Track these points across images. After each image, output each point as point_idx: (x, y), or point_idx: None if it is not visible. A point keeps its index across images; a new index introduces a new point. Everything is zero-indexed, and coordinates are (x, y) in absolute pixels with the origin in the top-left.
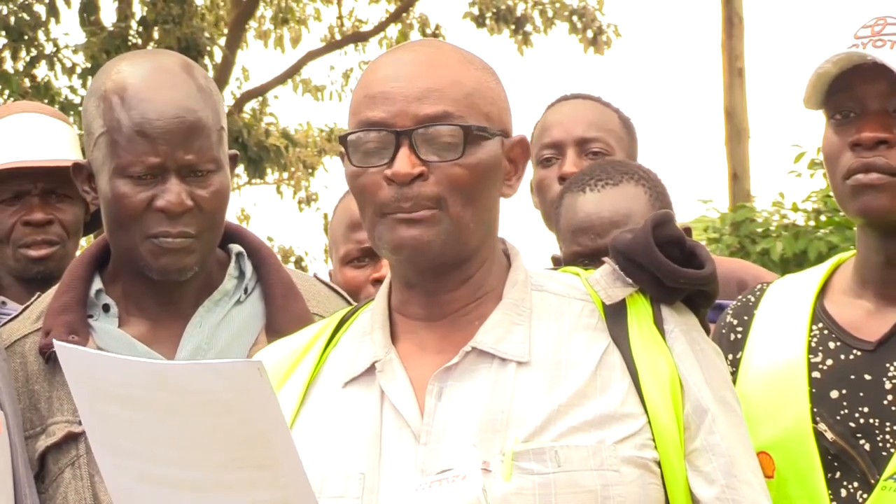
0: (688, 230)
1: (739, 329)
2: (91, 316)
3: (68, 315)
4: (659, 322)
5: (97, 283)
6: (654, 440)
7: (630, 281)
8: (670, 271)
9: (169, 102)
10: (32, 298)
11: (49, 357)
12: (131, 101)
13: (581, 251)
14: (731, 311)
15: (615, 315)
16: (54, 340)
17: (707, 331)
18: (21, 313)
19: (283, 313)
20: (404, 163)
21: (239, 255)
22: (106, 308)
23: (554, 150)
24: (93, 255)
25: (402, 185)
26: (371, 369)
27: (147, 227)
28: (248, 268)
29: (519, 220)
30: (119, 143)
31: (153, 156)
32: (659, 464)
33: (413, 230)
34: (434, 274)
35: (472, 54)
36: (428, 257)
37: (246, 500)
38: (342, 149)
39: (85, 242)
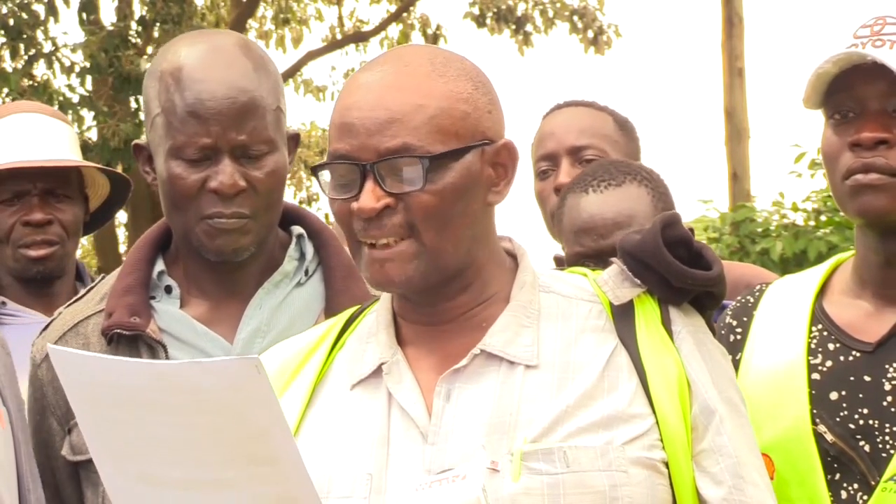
0: (690, 231)
1: (739, 330)
2: (154, 297)
3: (130, 297)
4: (667, 323)
5: (159, 265)
6: (661, 441)
7: (638, 282)
8: (679, 272)
9: (221, 83)
10: (97, 280)
11: (111, 339)
12: (185, 83)
13: (584, 252)
14: (730, 312)
15: (623, 315)
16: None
17: (713, 332)
18: (85, 294)
19: (342, 296)
20: (368, 198)
21: (300, 236)
22: (168, 289)
23: (549, 161)
24: (156, 237)
25: (369, 220)
26: (378, 371)
27: (201, 208)
28: (310, 250)
29: (521, 220)
30: (173, 125)
31: (205, 137)
32: (667, 464)
33: (386, 272)
34: (424, 292)
35: (449, 60)
36: (408, 290)
37: (247, 496)
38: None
39: (86, 242)
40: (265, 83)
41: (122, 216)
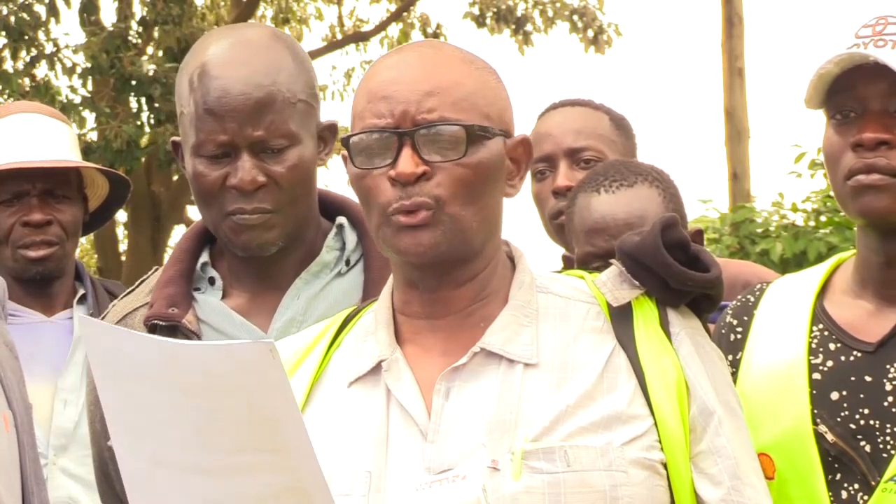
0: (699, 232)
1: (739, 329)
2: (199, 288)
3: (171, 288)
4: (665, 324)
5: (204, 256)
6: (660, 442)
7: (637, 283)
8: (679, 274)
9: (238, 79)
10: (149, 272)
11: (152, 329)
12: (204, 80)
13: (595, 252)
14: (730, 311)
15: (621, 317)
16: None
17: (708, 333)
18: (136, 287)
19: (378, 285)
20: (407, 163)
21: (340, 226)
22: (212, 281)
23: (546, 163)
24: (202, 229)
25: (405, 185)
26: (376, 369)
27: (225, 204)
28: (351, 239)
29: (522, 221)
30: (194, 123)
31: (222, 134)
32: (665, 465)
33: (417, 236)
34: (437, 273)
35: (473, 54)
36: (433, 258)
37: (257, 483)
38: (345, 151)
39: (85, 241)
40: (287, 76)
41: (122, 216)
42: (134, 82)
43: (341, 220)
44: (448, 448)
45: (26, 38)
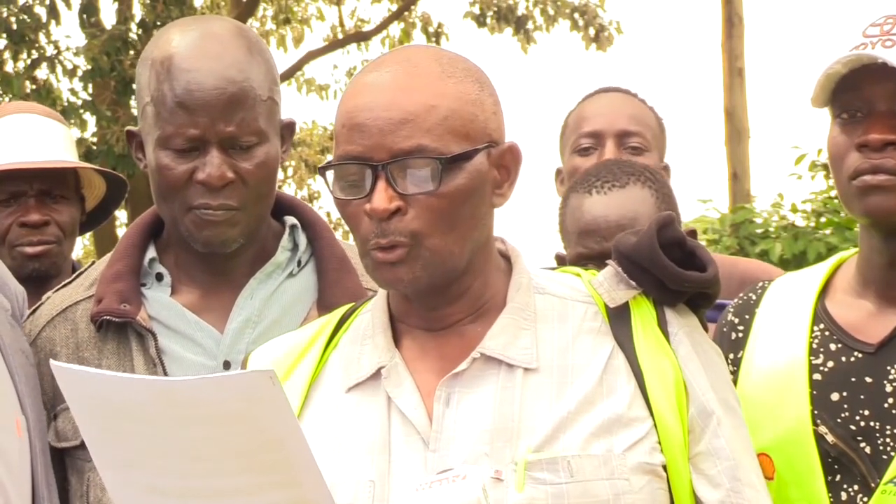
0: (693, 232)
1: (741, 328)
2: (144, 284)
3: (120, 283)
4: (662, 324)
5: (151, 252)
6: (660, 443)
7: (634, 284)
8: (675, 275)
9: (210, 73)
10: (86, 265)
11: (100, 325)
12: (174, 72)
13: (587, 253)
14: (732, 310)
15: (618, 317)
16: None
17: (706, 331)
18: (74, 279)
19: (334, 288)
20: (381, 198)
21: (293, 227)
22: (159, 277)
23: (593, 139)
24: (147, 224)
25: (380, 220)
26: (375, 375)
27: (189, 199)
28: (303, 241)
29: (519, 219)
30: (161, 115)
31: (193, 128)
32: (665, 468)
33: (395, 272)
34: (427, 296)
35: (454, 60)
36: (415, 290)
37: (261, 501)
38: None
39: (88, 242)
40: (257, 73)
41: (122, 216)
42: (135, 85)
43: (293, 220)
44: (451, 456)
45: (27, 40)
